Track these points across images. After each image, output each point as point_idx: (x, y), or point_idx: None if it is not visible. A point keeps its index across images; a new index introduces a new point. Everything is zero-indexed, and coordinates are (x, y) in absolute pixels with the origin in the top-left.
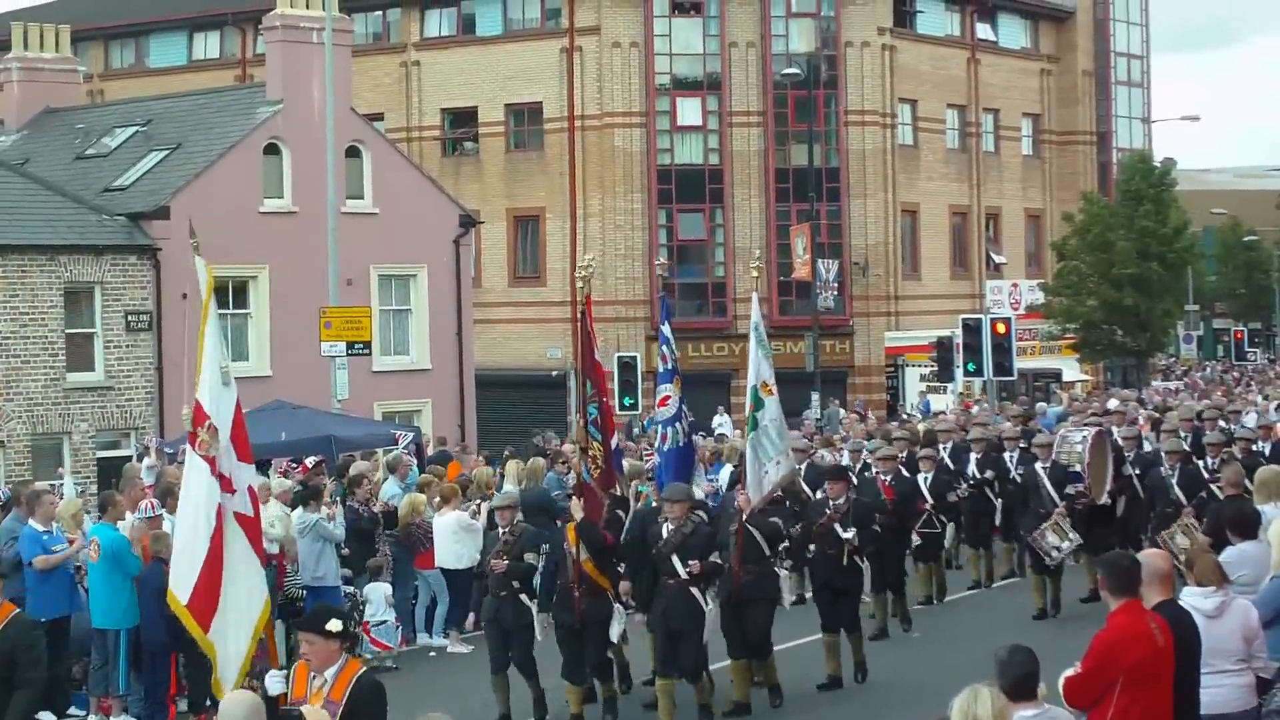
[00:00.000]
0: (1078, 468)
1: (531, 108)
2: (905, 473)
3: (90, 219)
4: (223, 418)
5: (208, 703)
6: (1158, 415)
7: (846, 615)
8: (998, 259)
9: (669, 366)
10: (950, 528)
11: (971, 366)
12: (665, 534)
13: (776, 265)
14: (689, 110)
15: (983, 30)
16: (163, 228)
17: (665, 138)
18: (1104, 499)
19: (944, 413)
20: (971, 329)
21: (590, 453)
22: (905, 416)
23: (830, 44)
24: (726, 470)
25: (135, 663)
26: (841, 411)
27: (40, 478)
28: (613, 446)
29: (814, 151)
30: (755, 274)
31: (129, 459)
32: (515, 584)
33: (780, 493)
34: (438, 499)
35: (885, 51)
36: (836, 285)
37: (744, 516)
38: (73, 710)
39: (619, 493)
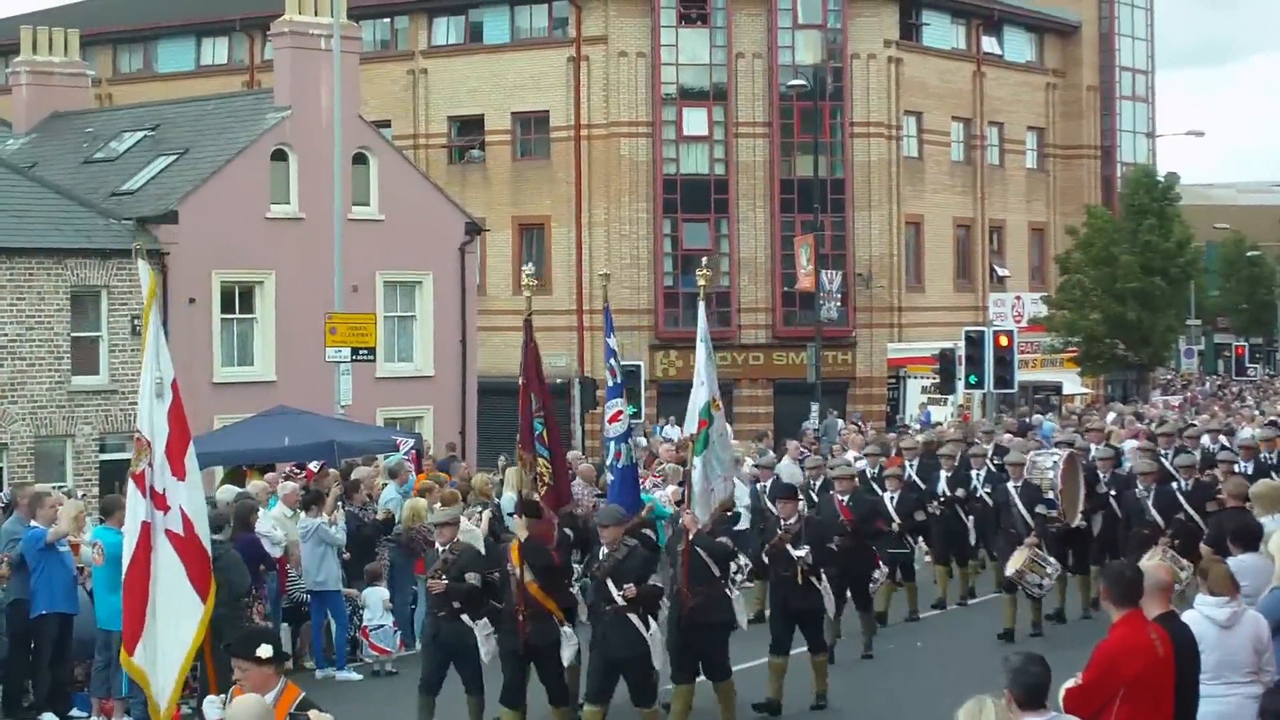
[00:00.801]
0: (1050, 494)
1: (538, 116)
2: (892, 489)
3: (97, 223)
4: (157, 431)
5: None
6: (1150, 431)
7: (812, 638)
8: (1001, 272)
9: (617, 381)
10: (919, 547)
11: (973, 379)
12: (600, 558)
13: (781, 276)
14: (695, 120)
15: (988, 44)
16: (170, 232)
17: (671, 147)
18: (1078, 521)
19: (941, 424)
20: (974, 341)
21: (538, 470)
22: (905, 428)
23: (836, 56)
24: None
25: None
26: (840, 422)
27: (43, 480)
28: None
29: (819, 162)
30: (702, 281)
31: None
32: (456, 604)
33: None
34: (439, 504)
35: (891, 64)
36: (840, 296)
37: (690, 536)
38: (74, 712)
39: (571, 510)
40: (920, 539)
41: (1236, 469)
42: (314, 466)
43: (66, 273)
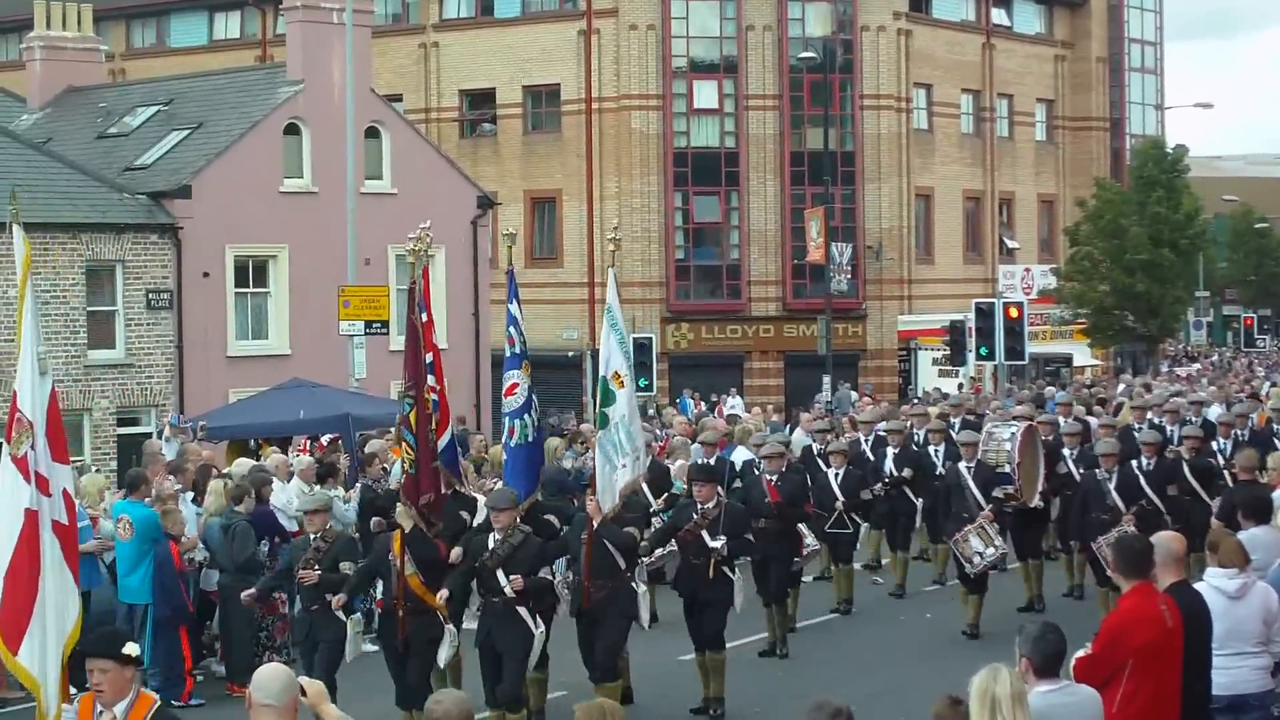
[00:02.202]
0: (1006, 468)
1: (549, 90)
2: (836, 466)
3: (112, 198)
4: (38, 411)
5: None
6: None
7: (709, 632)
8: (1011, 244)
9: (516, 350)
10: (865, 528)
11: (984, 350)
12: (490, 545)
13: (791, 249)
14: (706, 93)
15: (998, 15)
16: (184, 206)
17: (682, 120)
18: (1036, 501)
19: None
20: (984, 313)
21: (402, 455)
22: (916, 400)
23: (846, 28)
24: (740, 453)
25: (156, 636)
26: (853, 394)
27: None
28: (438, 446)
29: (829, 135)
30: (613, 247)
31: (148, 436)
32: (329, 597)
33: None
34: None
35: (901, 36)
36: (850, 269)
37: (594, 525)
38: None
39: (466, 493)
40: (865, 522)
41: (1215, 445)
42: (325, 440)
43: (82, 247)
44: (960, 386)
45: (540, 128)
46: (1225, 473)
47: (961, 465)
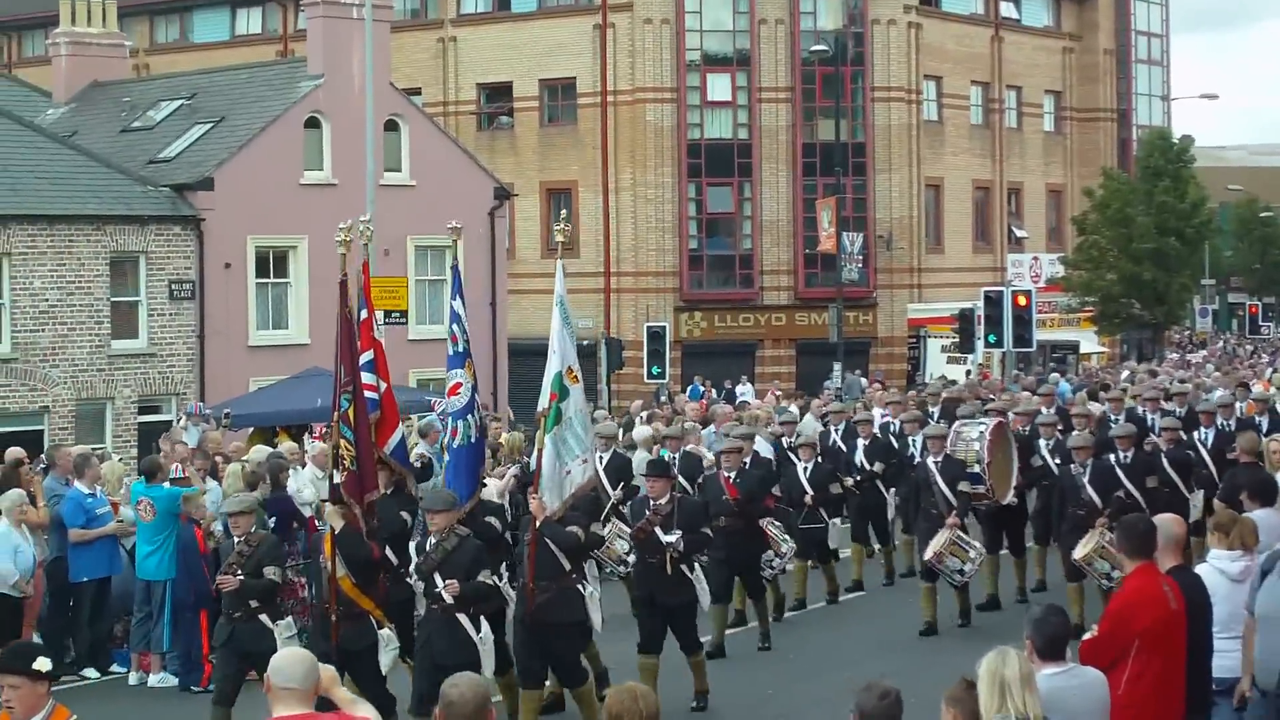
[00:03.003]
0: (976, 468)
1: (565, 83)
2: (805, 459)
3: (135, 190)
4: None
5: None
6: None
7: (687, 636)
8: (1019, 233)
9: (460, 349)
10: (834, 523)
11: (992, 338)
12: (427, 548)
13: (803, 238)
14: (719, 86)
15: (1006, 8)
16: (206, 199)
17: (695, 113)
18: (1010, 498)
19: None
20: (993, 301)
21: (340, 452)
22: (922, 385)
23: (858, 21)
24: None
25: (176, 620)
26: (863, 381)
27: (82, 442)
28: (389, 444)
29: (841, 127)
30: (561, 237)
31: (169, 424)
32: (253, 603)
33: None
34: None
35: (911, 29)
36: (861, 258)
37: (538, 525)
38: (115, 668)
39: (410, 492)
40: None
41: (1197, 436)
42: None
43: (106, 239)
44: (968, 373)
45: (556, 120)
46: (1207, 461)
47: (929, 460)
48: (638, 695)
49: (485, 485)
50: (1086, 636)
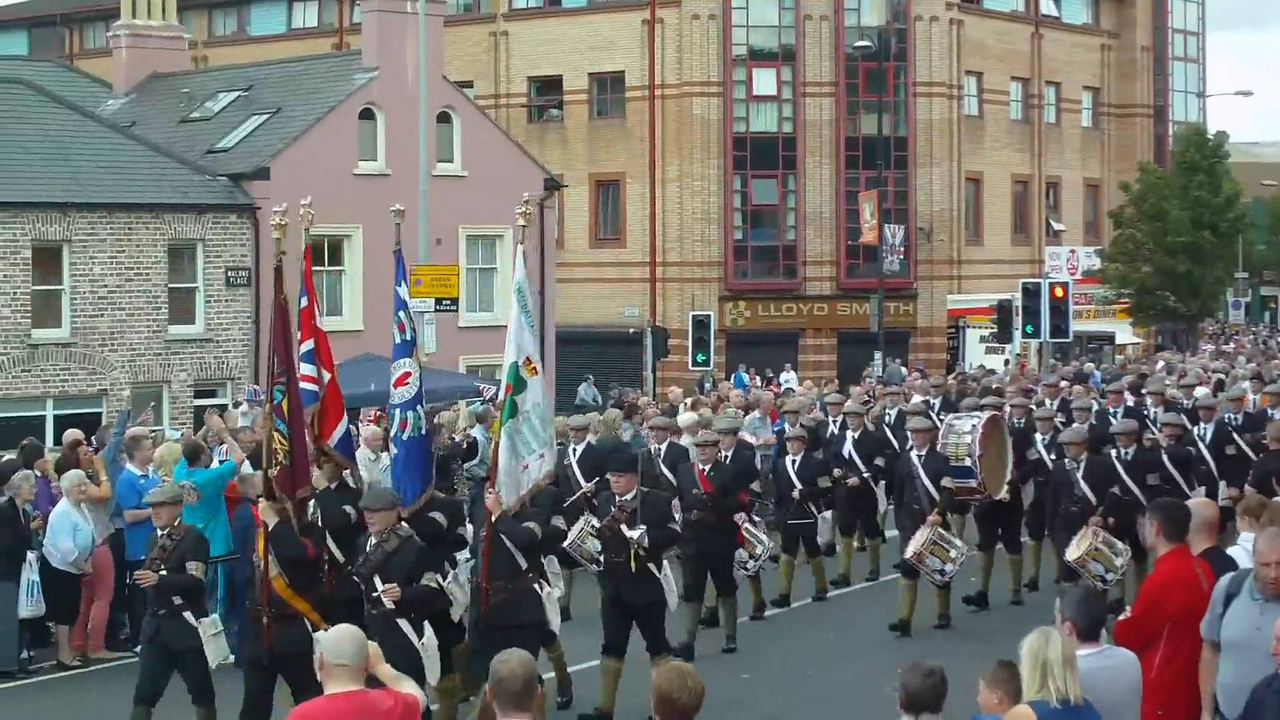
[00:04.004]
0: (966, 462)
1: (614, 77)
2: (794, 452)
3: (193, 179)
4: None
5: None
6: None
7: (655, 639)
8: (1057, 226)
9: (407, 338)
10: (824, 518)
11: (1030, 329)
12: (368, 549)
13: (845, 230)
14: (764, 80)
15: (1046, 6)
16: (262, 188)
17: (741, 106)
18: (1003, 494)
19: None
20: (1031, 292)
21: (272, 445)
22: (961, 375)
23: (900, 18)
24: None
25: (230, 600)
26: (903, 370)
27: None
28: (332, 437)
29: (883, 121)
30: (523, 222)
31: (224, 408)
32: (176, 600)
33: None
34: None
35: (953, 25)
36: (902, 249)
37: (491, 521)
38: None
39: (353, 484)
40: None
41: (1197, 431)
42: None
43: (164, 226)
44: (1006, 363)
45: (605, 113)
46: (1207, 458)
47: (913, 454)
48: (686, 674)
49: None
50: (1120, 618)
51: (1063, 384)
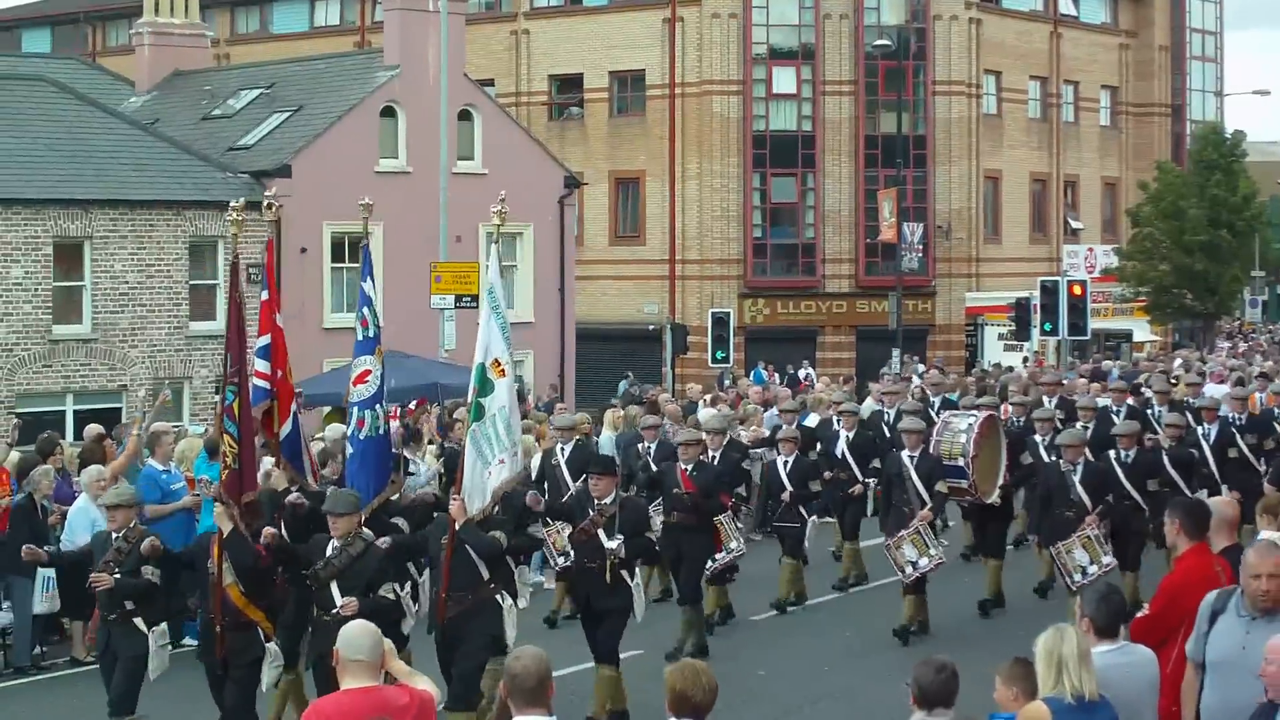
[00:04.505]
0: (960, 461)
1: (634, 75)
2: (785, 453)
3: (215, 176)
4: None
5: None
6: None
7: (607, 645)
8: (1075, 224)
9: (370, 334)
10: (813, 522)
11: (1048, 326)
12: (328, 554)
13: (864, 228)
14: (784, 79)
15: (1065, 5)
16: (284, 185)
17: (761, 105)
18: (995, 497)
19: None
20: (1049, 290)
21: (222, 448)
22: (982, 372)
23: (919, 17)
24: (813, 419)
25: None
26: (919, 367)
27: (159, 420)
28: (279, 436)
29: (902, 119)
30: (498, 221)
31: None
32: (128, 604)
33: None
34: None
35: (972, 25)
36: (921, 247)
37: (455, 528)
38: (186, 640)
39: (310, 488)
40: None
41: (1200, 432)
42: (413, 405)
43: (185, 223)
44: (1025, 360)
45: (625, 111)
46: (1209, 460)
47: (904, 454)
48: (699, 670)
49: (395, 483)
50: (1139, 615)
51: (1080, 381)
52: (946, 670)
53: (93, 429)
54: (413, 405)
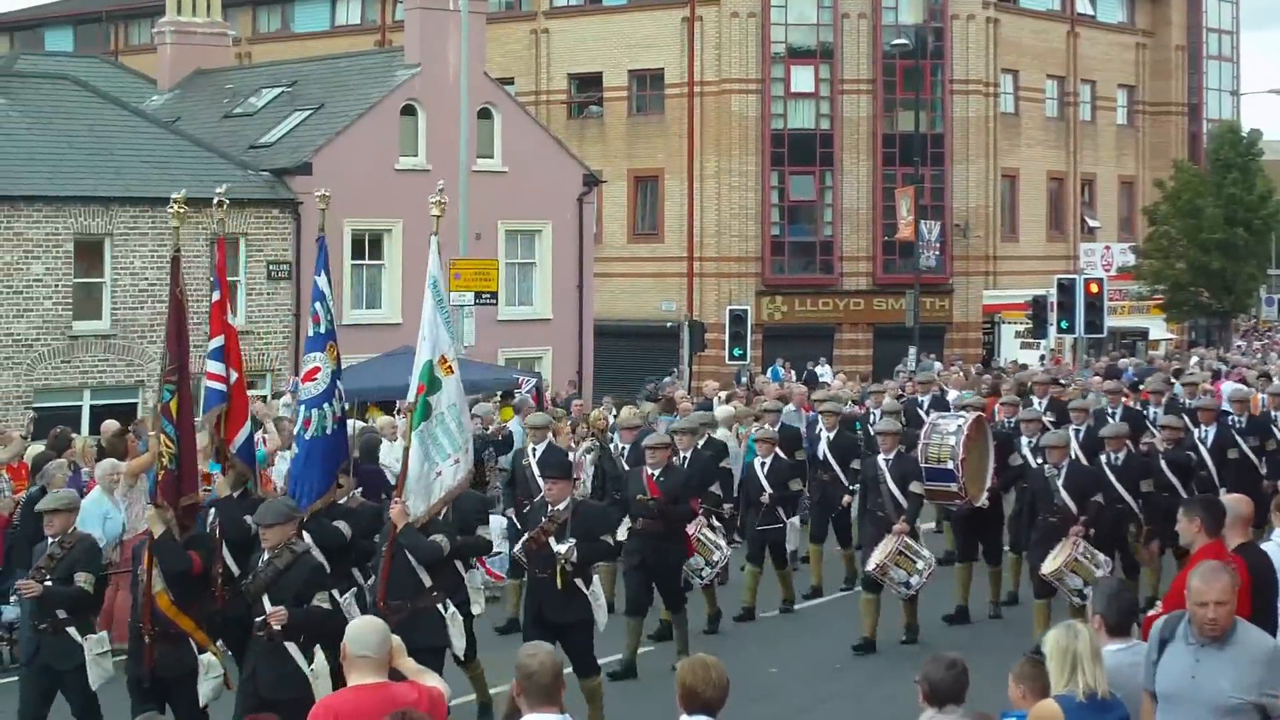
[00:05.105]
0: (949, 465)
1: (653, 74)
2: (763, 454)
3: (236, 174)
4: None
5: None
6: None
7: (577, 656)
8: (1092, 223)
9: (321, 330)
10: (793, 524)
11: (1064, 324)
12: (259, 564)
13: (882, 226)
14: (802, 78)
15: (1082, 5)
16: (304, 183)
17: (779, 104)
18: (983, 500)
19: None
20: (1066, 288)
21: (160, 449)
22: (998, 370)
23: (937, 16)
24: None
25: None
26: (938, 365)
27: None
28: (234, 441)
29: (920, 118)
30: (436, 212)
31: (264, 399)
32: (60, 613)
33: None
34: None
35: (989, 24)
36: (938, 245)
37: (395, 533)
38: None
39: (257, 494)
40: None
41: (1197, 434)
42: None
43: (206, 220)
44: (1041, 359)
45: (644, 110)
46: (1207, 462)
47: (879, 458)
48: (710, 666)
49: (342, 486)
50: (1151, 613)
51: (1094, 379)
52: (957, 667)
53: (111, 424)
54: None
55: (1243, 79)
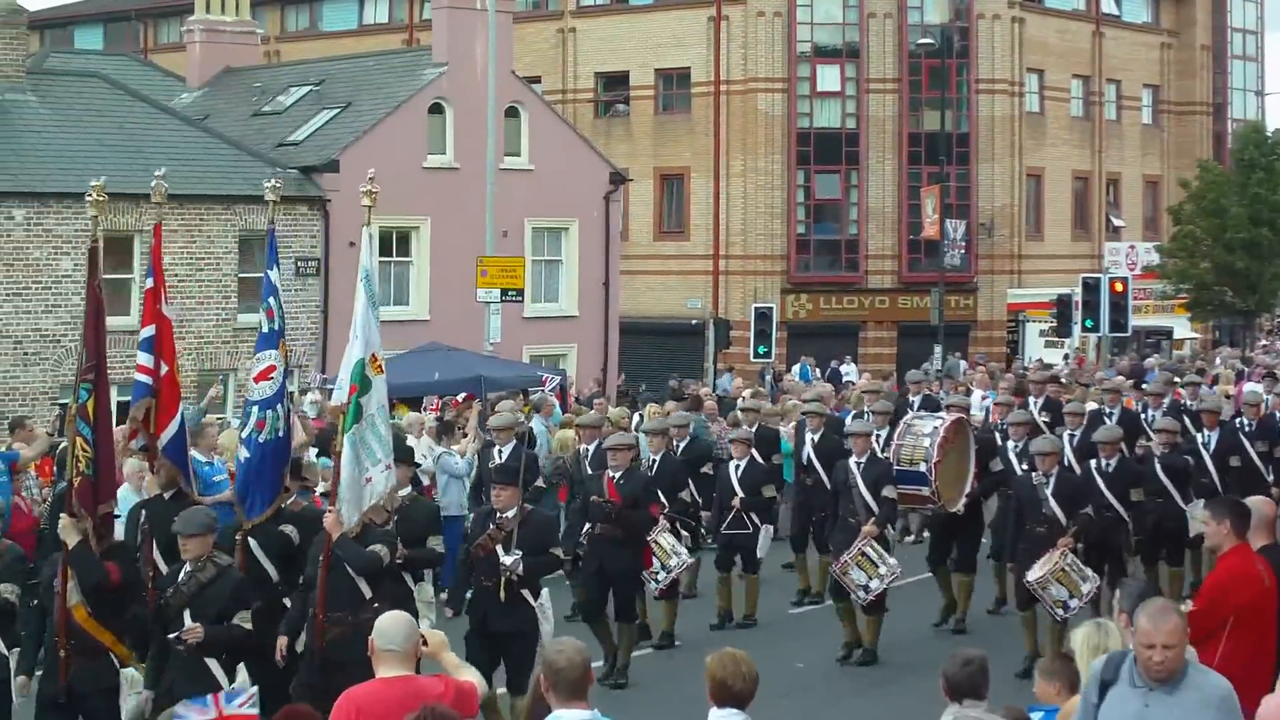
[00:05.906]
0: (921, 467)
1: (680, 73)
2: (738, 457)
3: (264, 172)
4: None
5: None
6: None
7: (514, 671)
8: (1117, 222)
9: (274, 327)
10: (766, 531)
11: (1089, 323)
12: (178, 580)
13: (907, 224)
14: (828, 77)
15: (1107, 5)
16: (332, 180)
17: (805, 102)
18: (960, 506)
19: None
20: (1090, 287)
21: (75, 452)
22: (1022, 370)
23: (963, 16)
24: (851, 419)
25: None
26: (963, 363)
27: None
28: (161, 439)
29: (945, 117)
30: (368, 202)
31: (291, 395)
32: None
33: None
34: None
35: (1015, 24)
36: (963, 244)
37: (330, 543)
38: None
39: (191, 494)
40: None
41: (1200, 439)
42: (460, 399)
43: (235, 218)
44: (1066, 357)
45: (671, 108)
46: (1209, 467)
47: (851, 461)
48: (740, 660)
49: (287, 489)
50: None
51: (1118, 379)
52: (974, 663)
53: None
54: (460, 398)
55: (1267, 79)
